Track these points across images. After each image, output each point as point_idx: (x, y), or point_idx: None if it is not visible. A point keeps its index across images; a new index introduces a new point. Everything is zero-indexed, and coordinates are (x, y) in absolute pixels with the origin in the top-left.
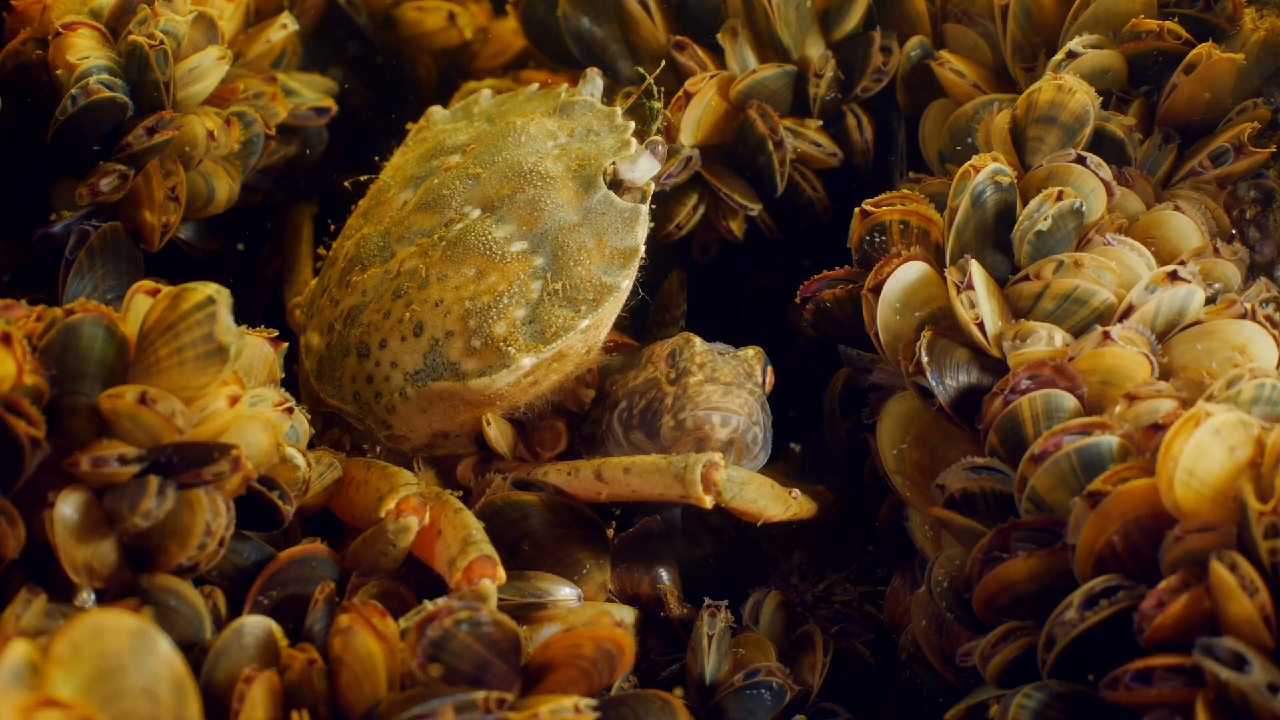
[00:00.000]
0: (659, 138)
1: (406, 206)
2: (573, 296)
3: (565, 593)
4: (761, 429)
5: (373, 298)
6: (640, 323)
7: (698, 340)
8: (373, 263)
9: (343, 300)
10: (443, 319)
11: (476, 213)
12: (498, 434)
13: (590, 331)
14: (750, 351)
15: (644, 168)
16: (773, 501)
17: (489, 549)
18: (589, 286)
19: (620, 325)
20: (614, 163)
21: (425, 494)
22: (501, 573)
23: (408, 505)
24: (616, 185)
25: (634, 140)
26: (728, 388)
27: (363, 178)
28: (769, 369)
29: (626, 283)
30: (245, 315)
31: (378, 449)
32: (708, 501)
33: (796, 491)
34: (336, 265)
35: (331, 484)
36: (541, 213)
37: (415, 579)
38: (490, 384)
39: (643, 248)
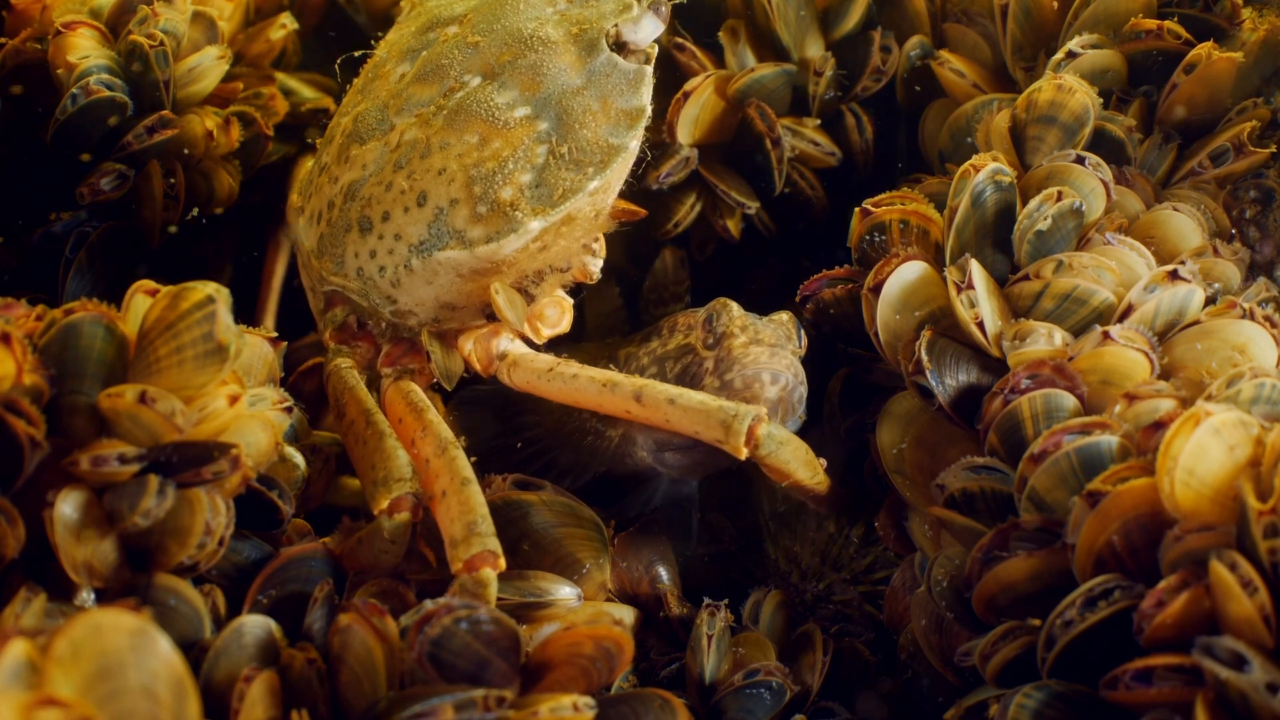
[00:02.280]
0: None
1: (404, 79)
2: (579, 159)
3: (565, 592)
4: (805, 389)
5: (373, 171)
6: (633, 307)
7: (734, 305)
8: (371, 136)
9: (342, 176)
10: (446, 187)
11: (477, 80)
12: (506, 302)
13: (598, 194)
14: (784, 315)
15: (647, 28)
16: (803, 466)
17: (493, 543)
18: (595, 148)
19: (614, 311)
20: (616, 24)
21: (420, 494)
22: (503, 563)
23: (402, 504)
24: (620, 48)
25: (635, 2)
26: (773, 349)
27: (356, 53)
28: (802, 332)
29: (634, 143)
30: (245, 315)
31: (382, 325)
32: (744, 453)
33: (824, 463)
34: (334, 142)
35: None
36: (544, 77)
37: (414, 578)
38: (498, 250)
39: (649, 108)
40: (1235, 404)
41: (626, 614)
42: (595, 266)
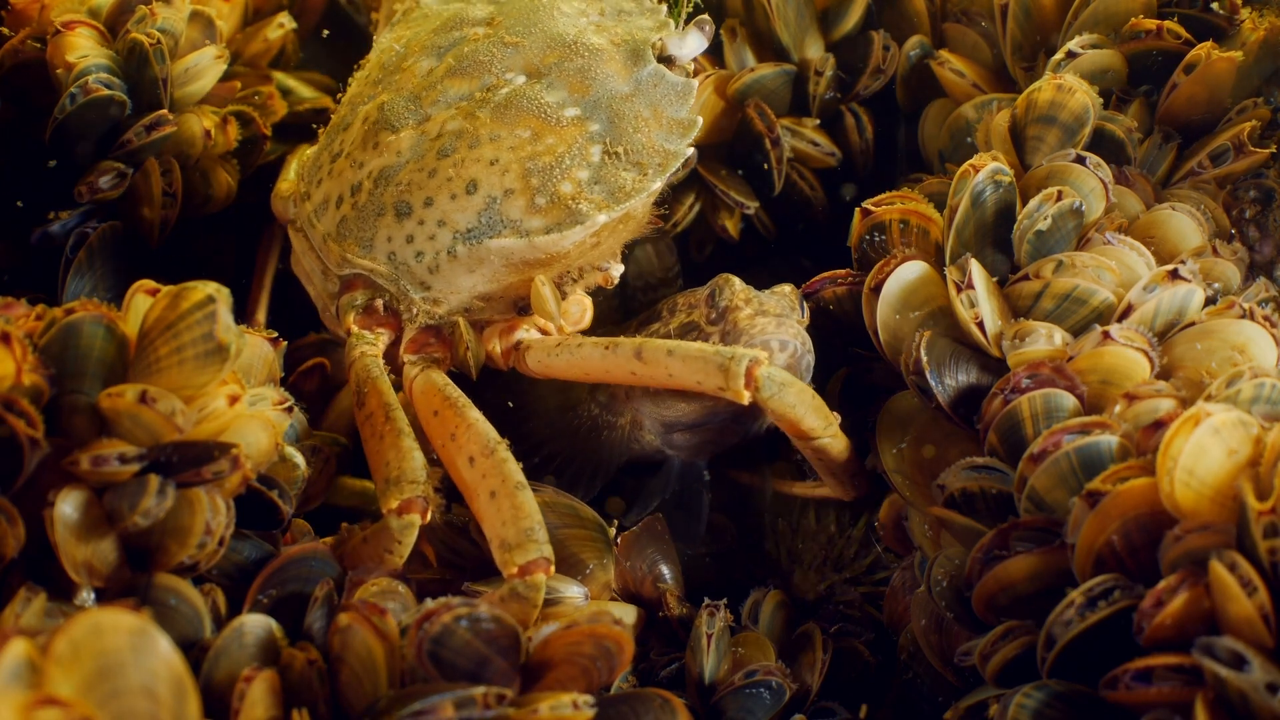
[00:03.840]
0: (706, 16)
1: (435, 73)
2: (638, 161)
3: (574, 591)
4: (813, 357)
5: (410, 157)
6: (624, 302)
7: (736, 279)
8: (404, 125)
9: (369, 161)
10: (500, 177)
11: (522, 79)
12: (545, 294)
13: (652, 196)
14: (787, 288)
15: (692, 44)
16: (812, 412)
17: (548, 550)
18: (653, 152)
19: (607, 304)
20: (661, 38)
21: (431, 497)
22: (553, 569)
23: (412, 506)
24: (667, 61)
25: (671, 19)
26: (779, 318)
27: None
28: (805, 304)
29: (690, 151)
30: (245, 314)
31: (413, 310)
32: (746, 397)
33: (838, 417)
34: (352, 129)
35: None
36: (593, 81)
37: (415, 578)
38: (560, 240)
39: (700, 120)
40: (1235, 404)
41: (628, 613)
42: (617, 272)
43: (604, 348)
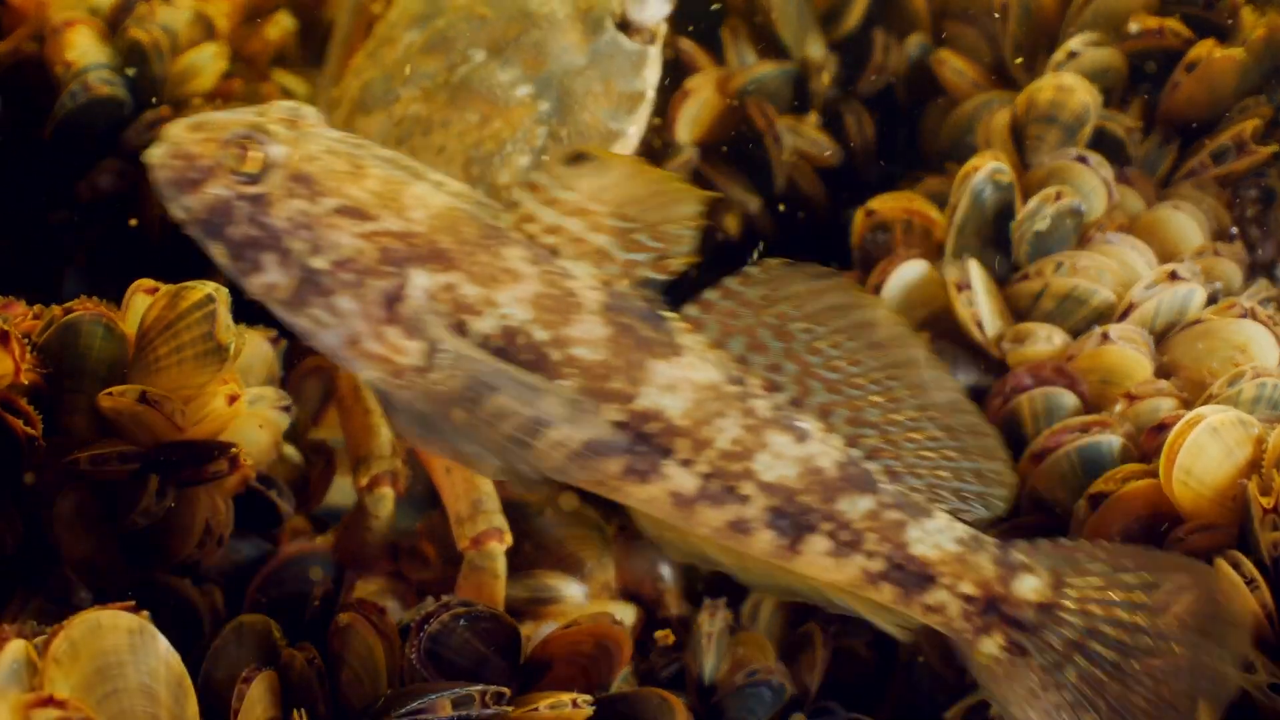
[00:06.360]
0: None
1: (412, 48)
2: (580, 145)
3: (574, 590)
4: None
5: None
6: None
7: None
8: (376, 106)
9: None
10: (445, 166)
11: (482, 55)
12: None
13: None
14: None
15: (653, 7)
16: None
17: (499, 519)
18: (595, 133)
19: None
20: (623, 2)
21: (399, 471)
22: (509, 538)
23: (381, 480)
24: (625, 27)
25: None
26: None
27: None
28: None
29: (633, 129)
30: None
31: None
32: None
33: None
34: (341, 109)
35: None
36: (547, 56)
37: (415, 578)
38: None
39: (651, 91)
40: (1236, 404)
41: (627, 613)
42: None
43: None
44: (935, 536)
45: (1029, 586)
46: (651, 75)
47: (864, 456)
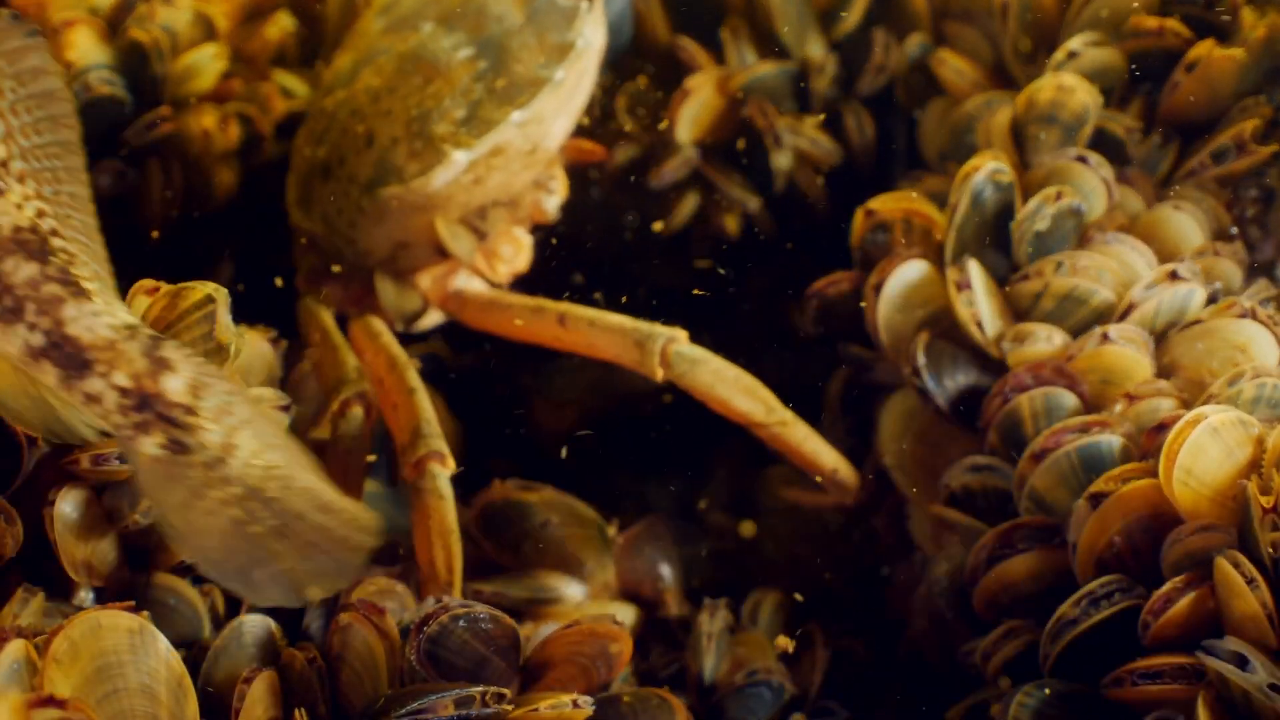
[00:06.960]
0: None
1: (375, 31)
2: (509, 93)
3: (573, 590)
4: None
5: (335, 119)
6: None
7: None
8: (338, 86)
9: (316, 127)
10: (390, 126)
11: (430, 26)
12: (449, 235)
13: (529, 126)
14: None
15: None
16: (742, 393)
17: (438, 443)
18: (525, 82)
19: None
20: None
21: (368, 392)
22: (451, 464)
23: (350, 403)
24: None
25: None
26: None
27: None
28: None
29: (560, 74)
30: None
31: (346, 266)
32: (659, 374)
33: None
34: (319, 93)
35: None
36: (488, 18)
37: (414, 577)
38: (428, 182)
39: (581, 42)
40: (1236, 404)
41: (627, 613)
42: (551, 204)
43: (531, 310)
44: (90, 319)
45: (180, 385)
46: (590, 32)
47: (51, 231)
